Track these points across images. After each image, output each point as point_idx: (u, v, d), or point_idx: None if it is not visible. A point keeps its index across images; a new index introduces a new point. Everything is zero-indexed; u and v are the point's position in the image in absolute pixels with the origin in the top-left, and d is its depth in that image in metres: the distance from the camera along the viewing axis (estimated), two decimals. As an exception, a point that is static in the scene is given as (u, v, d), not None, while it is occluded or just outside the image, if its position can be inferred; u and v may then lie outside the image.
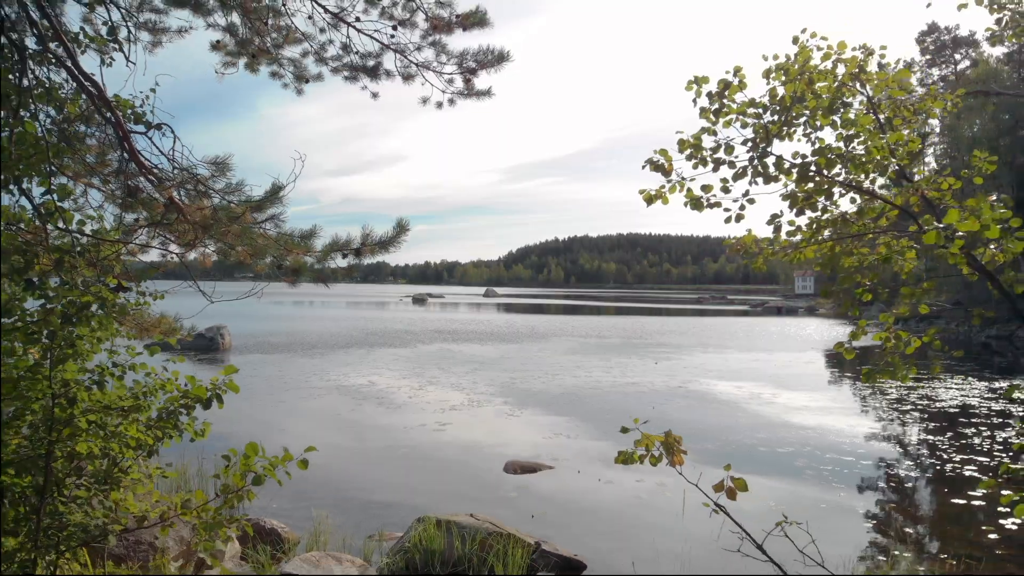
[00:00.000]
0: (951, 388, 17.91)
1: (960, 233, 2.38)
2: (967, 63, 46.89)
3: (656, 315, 59.28)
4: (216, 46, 5.29)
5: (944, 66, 48.68)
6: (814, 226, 3.19)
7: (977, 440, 11.74)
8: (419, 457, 10.49)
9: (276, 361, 22.61)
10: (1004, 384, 17.90)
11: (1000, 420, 13.58)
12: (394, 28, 4.87)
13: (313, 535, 6.78)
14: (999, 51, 41.28)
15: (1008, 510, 3.08)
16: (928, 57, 49.11)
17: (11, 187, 3.25)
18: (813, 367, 23.37)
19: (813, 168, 3.02)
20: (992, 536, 7.09)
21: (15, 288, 3.42)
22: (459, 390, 17.05)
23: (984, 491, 8.34)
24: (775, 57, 3.28)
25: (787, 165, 3.12)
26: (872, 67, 3.32)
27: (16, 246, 3.54)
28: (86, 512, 3.80)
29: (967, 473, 9.65)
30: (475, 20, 5.23)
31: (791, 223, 3.27)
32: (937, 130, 43.82)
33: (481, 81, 5.00)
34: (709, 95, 3.21)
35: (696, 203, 3.25)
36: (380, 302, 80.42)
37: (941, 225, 2.41)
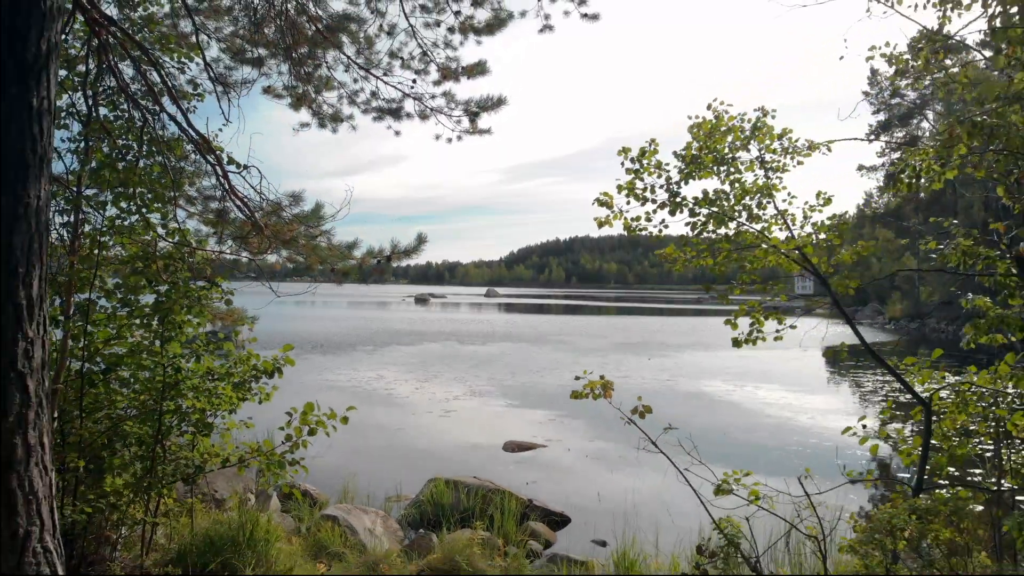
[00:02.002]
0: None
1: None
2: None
3: (656, 315, 60.48)
4: (267, 90, 6.57)
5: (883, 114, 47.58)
6: (707, 243, 4.49)
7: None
8: (426, 438, 11.76)
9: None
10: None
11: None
12: (413, 82, 6.14)
13: (341, 495, 8.05)
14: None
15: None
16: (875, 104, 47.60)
17: (143, 211, 4.52)
18: (796, 363, 24.62)
19: (702, 205, 4.33)
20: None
21: (136, 281, 4.69)
22: (462, 383, 18.31)
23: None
24: (697, 116, 4.55)
25: (688, 203, 4.43)
26: (770, 120, 4.58)
27: (139, 254, 4.82)
28: (187, 454, 5.08)
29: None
30: (477, 71, 6.51)
31: (694, 240, 4.57)
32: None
33: (483, 122, 6.28)
34: (632, 159, 4.50)
35: (629, 228, 4.57)
36: (382, 302, 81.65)
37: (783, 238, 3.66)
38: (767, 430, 12.69)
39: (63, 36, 4.65)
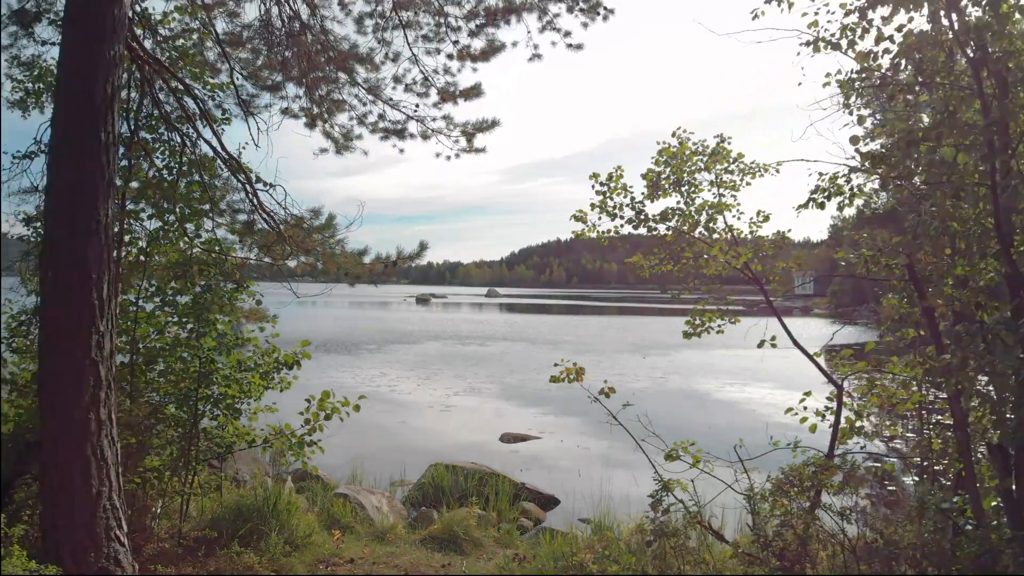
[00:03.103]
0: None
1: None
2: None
3: (656, 315, 61.14)
4: (284, 111, 7.29)
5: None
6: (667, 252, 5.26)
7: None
8: (427, 430, 12.49)
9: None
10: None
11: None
12: (416, 106, 6.86)
13: (350, 479, 8.76)
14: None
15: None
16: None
17: (185, 226, 5.26)
18: (786, 362, 25.29)
19: (658, 222, 5.08)
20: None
21: (180, 285, 5.43)
22: (462, 380, 19.04)
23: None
24: (663, 143, 5.27)
25: (651, 219, 5.17)
26: (728, 146, 5.29)
27: (179, 260, 5.55)
28: (219, 434, 5.80)
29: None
30: (473, 93, 7.24)
31: (656, 250, 5.33)
32: None
33: (478, 141, 7.01)
34: (601, 183, 5.25)
35: (602, 239, 5.31)
36: (384, 302, 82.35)
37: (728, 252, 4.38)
38: (730, 416, 13.37)
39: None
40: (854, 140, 3.50)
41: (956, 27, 3.22)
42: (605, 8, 6.59)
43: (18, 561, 3.35)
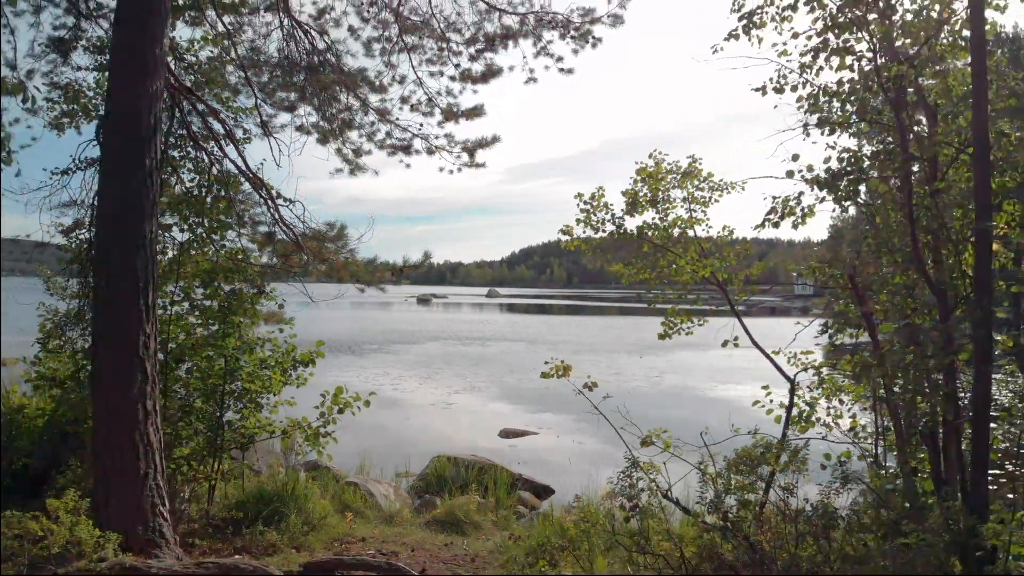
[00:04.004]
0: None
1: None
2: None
3: (656, 315, 61.57)
4: (299, 128, 7.90)
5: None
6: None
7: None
8: (430, 426, 13.08)
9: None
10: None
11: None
12: (420, 125, 7.49)
13: (357, 471, 9.35)
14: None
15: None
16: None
17: (213, 236, 5.86)
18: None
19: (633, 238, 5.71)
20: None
21: (211, 291, 6.02)
22: (463, 379, 19.64)
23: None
24: (640, 163, 5.90)
25: (629, 233, 5.80)
26: (700, 165, 5.91)
27: (209, 269, 6.14)
28: (243, 425, 6.39)
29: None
30: (474, 113, 7.85)
31: (635, 260, 5.96)
32: None
33: (479, 156, 7.62)
34: (585, 202, 5.87)
35: (586, 249, 5.95)
36: (385, 302, 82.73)
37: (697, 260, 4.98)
38: (716, 411, 13.95)
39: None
40: (789, 174, 4.08)
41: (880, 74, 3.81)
42: (594, 37, 7.20)
43: (85, 529, 3.93)
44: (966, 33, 3.98)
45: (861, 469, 5.08)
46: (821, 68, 4.49)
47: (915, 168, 4.04)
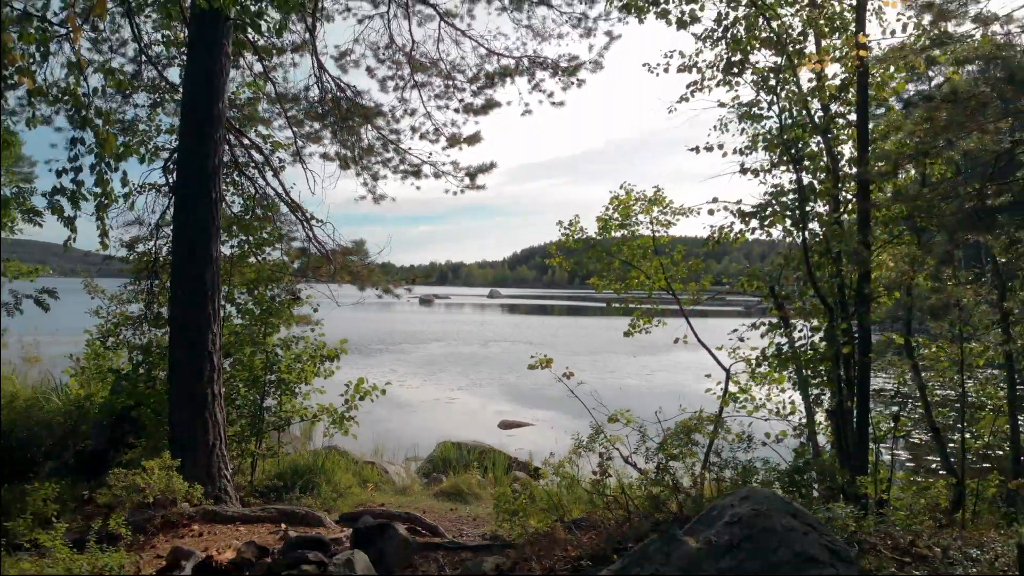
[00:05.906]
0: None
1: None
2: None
3: (657, 315, 62.62)
4: (323, 156, 9.11)
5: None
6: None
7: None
8: (435, 418, 14.27)
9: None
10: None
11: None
12: (429, 154, 8.71)
13: (373, 454, 10.54)
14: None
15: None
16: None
17: (256, 250, 7.06)
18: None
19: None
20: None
21: (259, 296, 7.23)
22: (465, 377, 20.83)
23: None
24: (612, 192, 7.13)
25: (601, 250, 7.03)
26: (664, 194, 7.12)
27: (254, 278, 7.34)
28: (280, 410, 7.59)
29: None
30: (475, 140, 9.05)
31: (606, 273, 7.21)
32: None
33: (479, 180, 8.84)
34: (564, 228, 7.10)
35: (568, 266, 7.17)
36: (387, 303, 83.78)
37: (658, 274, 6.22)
38: (683, 400, 15.14)
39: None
40: (711, 212, 5.29)
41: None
42: (578, 79, 8.40)
43: (178, 480, 5.12)
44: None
45: (798, 444, 6.28)
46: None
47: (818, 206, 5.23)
